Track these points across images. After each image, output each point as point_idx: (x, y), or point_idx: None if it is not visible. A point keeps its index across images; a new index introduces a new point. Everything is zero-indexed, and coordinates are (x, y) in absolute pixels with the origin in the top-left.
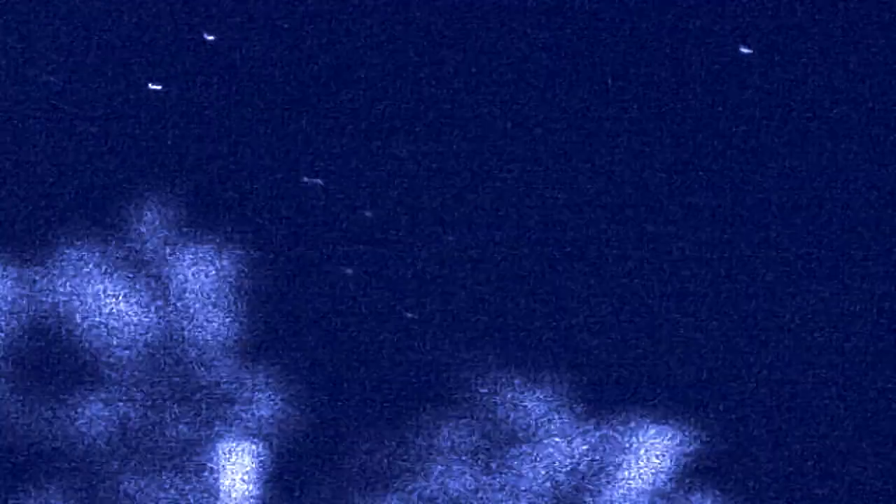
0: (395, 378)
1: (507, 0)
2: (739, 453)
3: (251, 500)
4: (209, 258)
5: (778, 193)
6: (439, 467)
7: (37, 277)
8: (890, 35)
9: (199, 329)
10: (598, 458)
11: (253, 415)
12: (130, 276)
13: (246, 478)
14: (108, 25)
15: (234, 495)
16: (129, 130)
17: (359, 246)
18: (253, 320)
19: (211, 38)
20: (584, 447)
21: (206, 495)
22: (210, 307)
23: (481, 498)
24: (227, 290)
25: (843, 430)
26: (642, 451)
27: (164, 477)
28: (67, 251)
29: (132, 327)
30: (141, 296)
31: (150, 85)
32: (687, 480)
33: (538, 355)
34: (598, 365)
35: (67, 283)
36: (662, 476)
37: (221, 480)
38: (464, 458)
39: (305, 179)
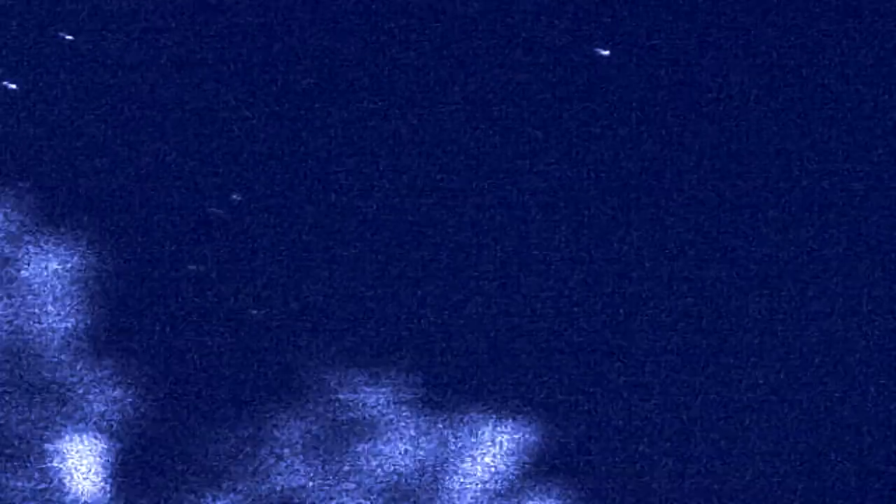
0: (238, 374)
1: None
2: (583, 448)
3: (94, 494)
4: (54, 254)
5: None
6: (282, 462)
7: None
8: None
9: (44, 325)
10: (440, 453)
11: (96, 410)
12: None
13: (89, 472)
14: None
15: (77, 489)
16: None
17: (205, 243)
18: (98, 316)
19: (70, 38)
20: (427, 443)
21: (49, 489)
22: (54, 303)
23: (324, 493)
24: (71, 286)
25: (694, 424)
26: (485, 446)
27: (6, 471)
28: None
29: None
30: None
31: (6, 83)
32: (530, 474)
33: (380, 352)
34: (440, 361)
35: None
36: (505, 470)
37: (64, 474)
38: (307, 453)
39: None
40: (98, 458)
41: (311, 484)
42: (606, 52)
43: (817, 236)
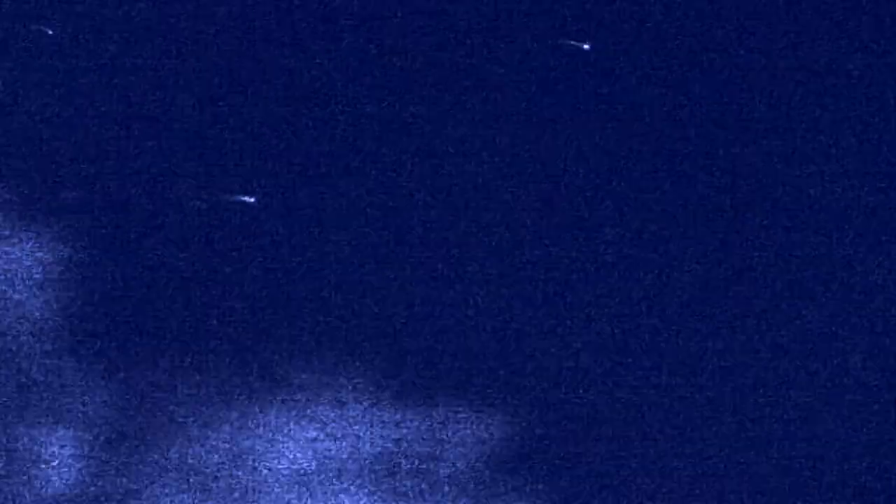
0: (217, 370)
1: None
2: (551, 441)
3: (69, 488)
4: (32, 249)
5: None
6: (269, 455)
7: None
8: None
9: (19, 318)
10: (424, 449)
11: (72, 404)
12: None
13: (63, 465)
14: None
15: (51, 482)
16: None
17: (190, 240)
18: (74, 311)
19: (51, 32)
20: (396, 437)
21: (21, 482)
22: (30, 297)
23: (316, 487)
24: (47, 281)
25: (684, 422)
26: (454, 441)
27: None
28: None
29: None
30: None
31: None
32: (499, 468)
33: (363, 349)
34: (422, 358)
35: None
36: (474, 464)
37: (38, 467)
38: (296, 448)
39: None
40: (77, 453)
41: (303, 480)
42: (587, 46)
43: (814, 234)
